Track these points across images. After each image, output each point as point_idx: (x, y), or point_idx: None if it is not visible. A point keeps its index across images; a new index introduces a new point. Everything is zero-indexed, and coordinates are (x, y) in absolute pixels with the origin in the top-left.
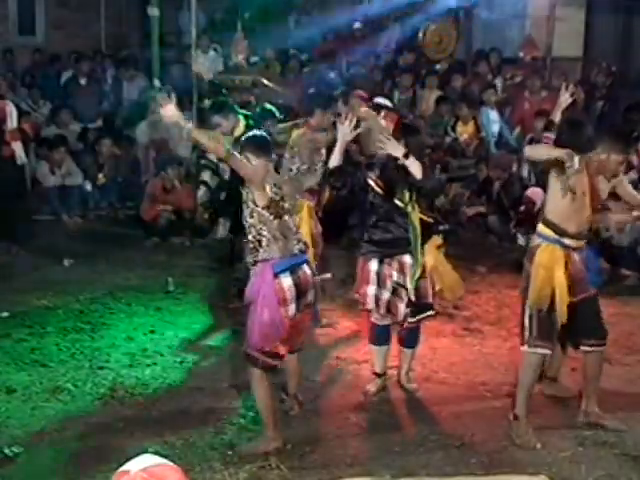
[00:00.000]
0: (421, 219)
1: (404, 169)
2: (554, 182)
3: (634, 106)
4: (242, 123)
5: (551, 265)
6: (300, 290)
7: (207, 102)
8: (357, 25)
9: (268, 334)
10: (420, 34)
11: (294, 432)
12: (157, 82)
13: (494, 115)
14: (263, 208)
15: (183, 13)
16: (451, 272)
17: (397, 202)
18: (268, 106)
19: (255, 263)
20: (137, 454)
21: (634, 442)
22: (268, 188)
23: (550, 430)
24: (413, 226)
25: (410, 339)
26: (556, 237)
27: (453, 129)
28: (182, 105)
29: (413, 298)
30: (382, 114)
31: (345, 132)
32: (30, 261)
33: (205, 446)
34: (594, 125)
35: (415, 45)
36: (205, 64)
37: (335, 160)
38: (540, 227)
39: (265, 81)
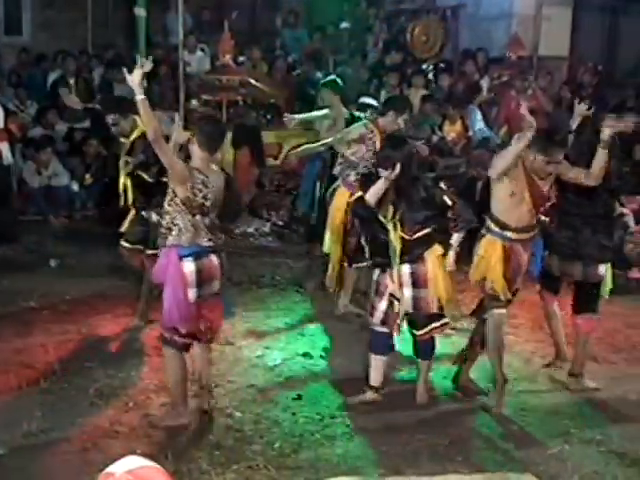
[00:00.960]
0: (409, 240)
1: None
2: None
3: (620, 105)
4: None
5: (488, 255)
6: (202, 277)
7: (194, 102)
8: (344, 25)
9: (174, 313)
10: (407, 34)
11: (281, 431)
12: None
13: (479, 114)
14: (181, 201)
15: (170, 13)
16: (447, 288)
17: (381, 218)
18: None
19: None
20: (123, 455)
21: (620, 439)
22: (188, 186)
23: (536, 428)
24: (393, 244)
25: (423, 350)
26: (498, 230)
27: (440, 128)
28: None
29: (410, 309)
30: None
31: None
32: (16, 262)
33: (191, 446)
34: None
35: (402, 44)
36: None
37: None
38: (486, 220)
39: (252, 81)
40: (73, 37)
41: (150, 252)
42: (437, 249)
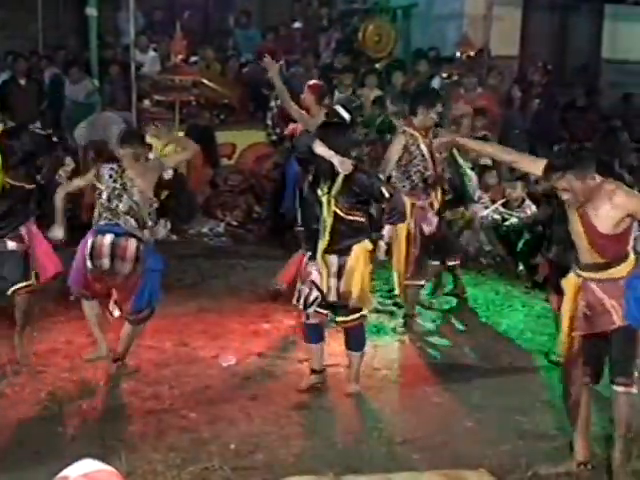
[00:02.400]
0: (341, 217)
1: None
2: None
3: (570, 105)
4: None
5: (568, 294)
6: (93, 252)
7: (147, 103)
8: (297, 25)
9: (73, 274)
10: (359, 33)
11: (237, 432)
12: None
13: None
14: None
15: (121, 13)
16: (361, 284)
17: (318, 191)
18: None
19: None
20: (77, 459)
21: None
22: (91, 174)
23: (490, 424)
24: (324, 218)
25: (351, 341)
26: (574, 265)
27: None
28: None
29: (334, 298)
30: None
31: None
32: None
33: (147, 449)
34: (530, 123)
35: (354, 45)
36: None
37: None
38: None
39: (205, 81)
40: (24, 37)
41: None
42: (367, 245)
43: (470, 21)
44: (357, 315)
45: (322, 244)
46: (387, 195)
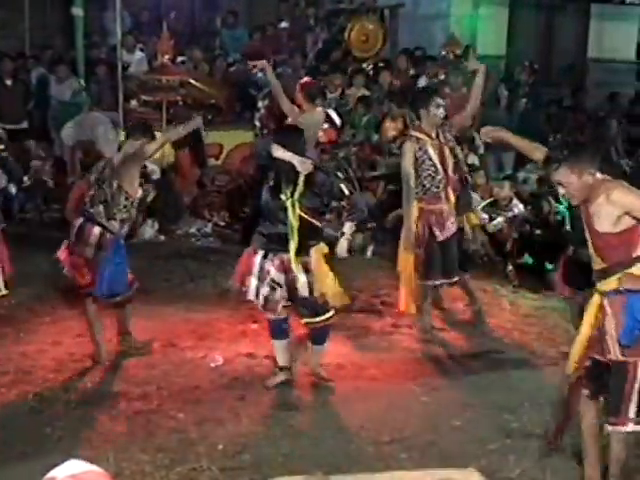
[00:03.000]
0: (306, 219)
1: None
2: None
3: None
4: None
5: (589, 312)
6: (100, 244)
7: (134, 103)
8: (283, 25)
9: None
10: (346, 33)
11: (225, 432)
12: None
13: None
14: None
15: (108, 13)
16: (333, 283)
17: (281, 196)
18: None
19: None
20: (65, 460)
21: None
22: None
23: (477, 423)
24: (290, 222)
25: (317, 337)
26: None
27: (377, 128)
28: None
29: (306, 294)
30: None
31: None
32: None
33: (135, 449)
34: (517, 122)
35: (342, 45)
36: None
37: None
38: None
39: (192, 81)
40: (10, 37)
41: None
42: (323, 247)
43: (457, 21)
44: (326, 316)
45: (293, 247)
46: (347, 193)
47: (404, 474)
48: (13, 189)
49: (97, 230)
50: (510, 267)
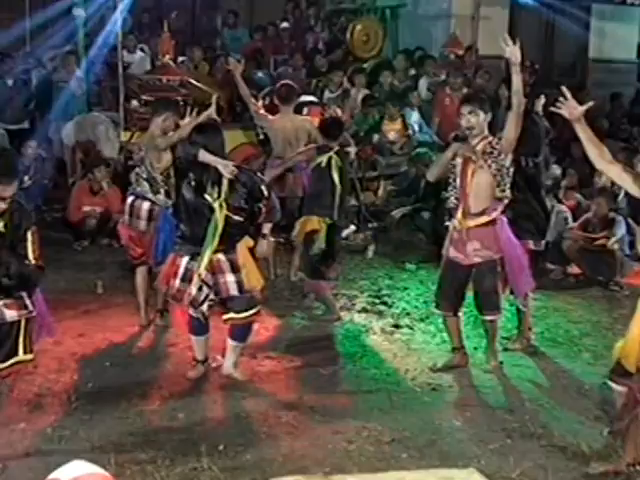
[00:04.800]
0: (232, 219)
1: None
2: None
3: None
4: None
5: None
6: (151, 217)
7: (134, 103)
8: (284, 25)
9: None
10: (347, 33)
11: (225, 432)
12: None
13: (416, 116)
14: None
15: (109, 13)
16: (256, 271)
17: (207, 197)
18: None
19: None
20: (66, 460)
21: (560, 433)
22: None
23: (477, 423)
24: (215, 223)
25: (239, 334)
26: None
27: (377, 128)
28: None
29: (236, 292)
30: (305, 110)
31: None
32: None
33: (136, 450)
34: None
35: (342, 44)
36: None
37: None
38: None
39: (193, 81)
40: (11, 37)
41: None
42: (248, 241)
43: (458, 21)
44: (254, 311)
45: (211, 247)
46: (266, 194)
47: (404, 474)
48: None
49: (146, 205)
50: None
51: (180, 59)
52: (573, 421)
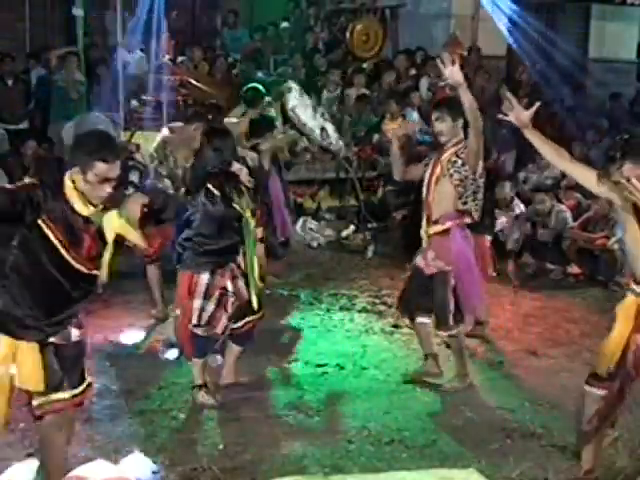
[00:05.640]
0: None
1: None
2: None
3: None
4: None
5: (622, 319)
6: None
7: (134, 103)
8: (284, 25)
9: None
10: (347, 33)
11: (225, 432)
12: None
13: (416, 116)
14: None
15: (109, 13)
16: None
17: (236, 207)
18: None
19: None
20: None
21: (560, 433)
22: None
23: (477, 423)
24: (249, 231)
25: (245, 337)
26: (633, 286)
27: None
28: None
29: (255, 304)
30: None
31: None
32: None
33: (136, 449)
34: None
35: (342, 44)
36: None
37: None
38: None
39: (192, 81)
40: (10, 38)
41: None
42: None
43: (458, 21)
44: (259, 314)
45: (255, 255)
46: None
47: (404, 474)
48: None
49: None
50: (511, 267)
51: (180, 59)
52: (573, 421)
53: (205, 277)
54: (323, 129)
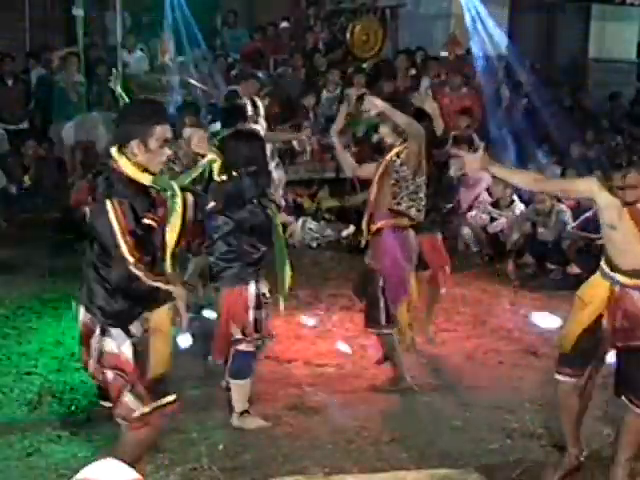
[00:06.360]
0: None
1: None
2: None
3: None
4: None
5: (588, 300)
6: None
7: None
8: (284, 24)
9: None
10: (347, 33)
11: (225, 432)
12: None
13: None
14: None
15: (109, 13)
16: None
17: (269, 213)
18: None
19: None
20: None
21: (560, 433)
22: None
23: (477, 423)
24: (279, 236)
25: None
26: (606, 270)
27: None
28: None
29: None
30: None
31: None
32: None
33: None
34: (518, 122)
35: (342, 44)
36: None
37: None
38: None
39: (192, 81)
40: (10, 38)
41: None
42: None
43: (457, 21)
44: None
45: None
46: None
47: (404, 474)
48: (13, 189)
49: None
50: (511, 267)
51: (180, 59)
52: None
53: (253, 288)
54: None
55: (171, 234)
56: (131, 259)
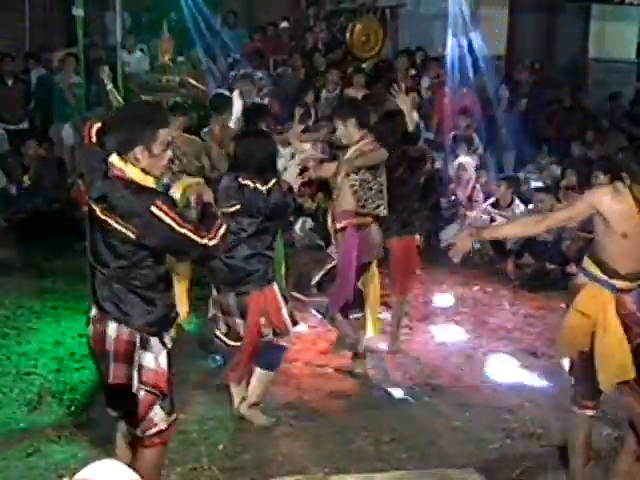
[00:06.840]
0: None
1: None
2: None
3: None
4: None
5: (591, 312)
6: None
7: None
8: (284, 24)
9: None
10: (347, 33)
11: (225, 432)
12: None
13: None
14: None
15: (109, 13)
16: None
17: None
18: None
19: None
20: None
21: (560, 433)
22: None
23: (477, 423)
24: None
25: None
26: (604, 278)
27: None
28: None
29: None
30: None
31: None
32: None
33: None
34: (518, 121)
35: (342, 44)
36: None
37: None
38: (587, 263)
39: (192, 81)
40: (10, 38)
41: None
42: None
43: (457, 21)
44: None
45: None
46: None
47: (404, 474)
48: (13, 189)
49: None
50: (511, 267)
51: (180, 59)
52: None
53: (276, 285)
54: None
55: None
56: (202, 240)
